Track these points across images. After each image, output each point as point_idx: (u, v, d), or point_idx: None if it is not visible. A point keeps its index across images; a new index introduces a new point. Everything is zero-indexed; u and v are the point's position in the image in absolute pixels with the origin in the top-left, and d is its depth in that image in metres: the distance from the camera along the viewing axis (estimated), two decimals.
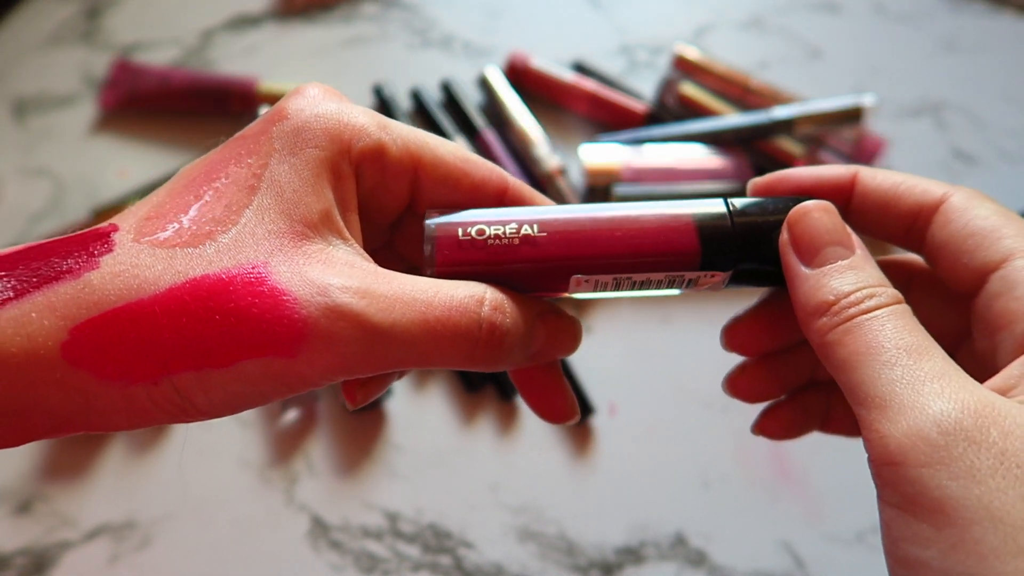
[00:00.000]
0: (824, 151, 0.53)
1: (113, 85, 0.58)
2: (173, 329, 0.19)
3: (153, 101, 0.57)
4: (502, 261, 0.23)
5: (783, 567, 0.42)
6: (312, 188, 0.21)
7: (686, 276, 0.24)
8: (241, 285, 0.19)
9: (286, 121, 0.22)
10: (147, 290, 0.19)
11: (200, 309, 0.19)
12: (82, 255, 0.20)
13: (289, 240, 0.21)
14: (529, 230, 0.23)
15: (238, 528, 0.43)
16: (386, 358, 0.20)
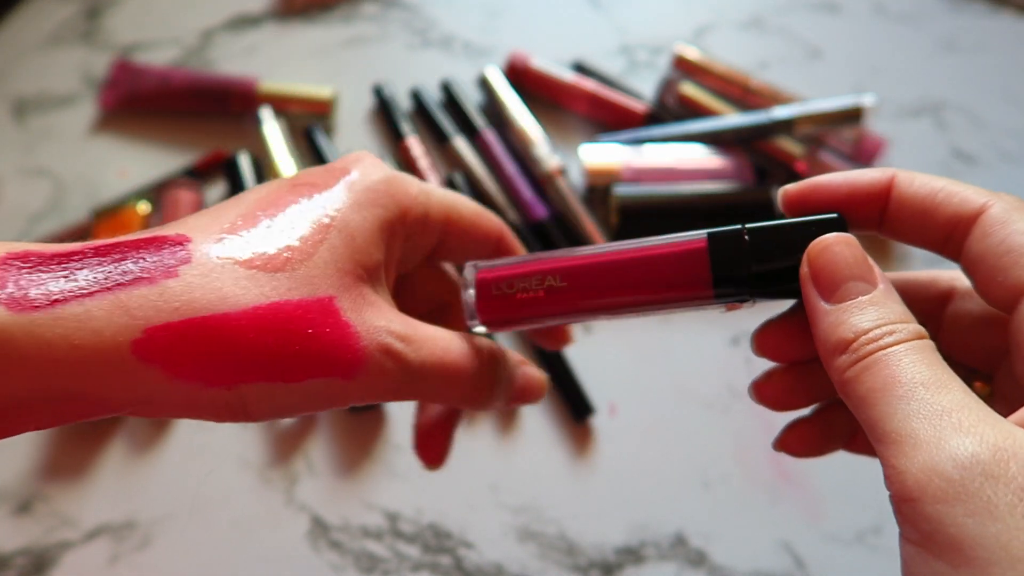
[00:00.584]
0: (824, 151, 0.53)
1: (113, 85, 0.58)
2: (257, 343, 0.21)
3: (153, 101, 0.57)
4: (531, 310, 0.25)
5: (783, 567, 0.42)
6: (374, 241, 0.25)
7: (705, 306, 0.25)
8: (317, 314, 0.22)
9: (357, 179, 0.25)
10: (232, 305, 0.21)
11: (282, 330, 0.22)
12: (159, 263, 0.21)
13: (352, 280, 0.24)
14: (552, 281, 0.25)
15: (238, 528, 0.43)
16: (412, 390, 0.25)
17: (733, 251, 0.24)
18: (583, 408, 0.45)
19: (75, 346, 0.20)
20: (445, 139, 0.55)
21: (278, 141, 0.53)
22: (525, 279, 0.25)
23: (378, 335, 0.23)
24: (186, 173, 0.54)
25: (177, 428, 0.46)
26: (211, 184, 0.55)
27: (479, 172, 0.53)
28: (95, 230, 0.51)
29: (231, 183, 0.53)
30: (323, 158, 0.54)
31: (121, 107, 0.58)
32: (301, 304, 0.22)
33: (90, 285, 0.20)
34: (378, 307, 0.24)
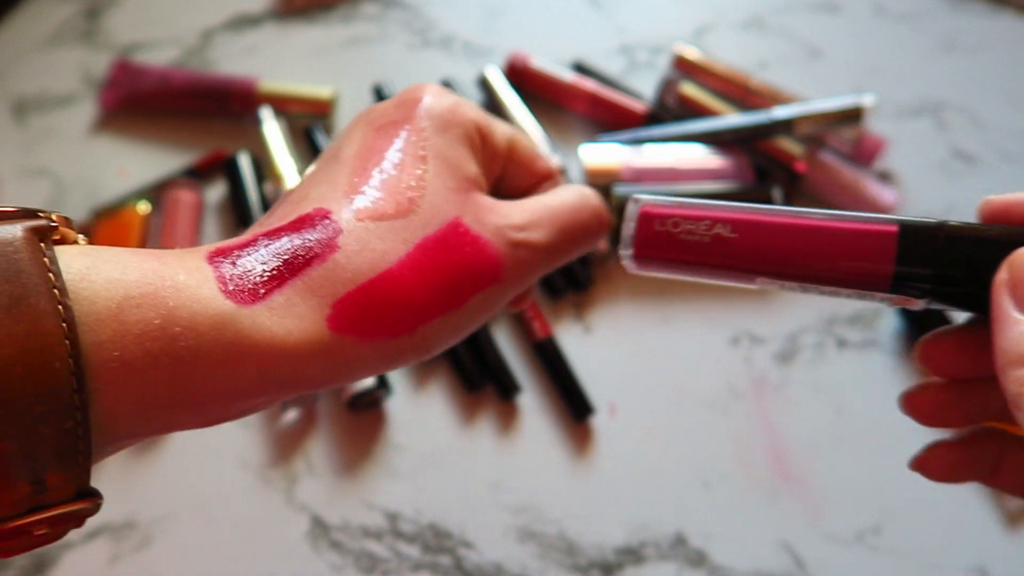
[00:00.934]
0: (824, 151, 0.53)
1: (113, 85, 0.58)
2: (421, 286, 0.24)
3: (153, 101, 0.57)
4: (692, 255, 0.24)
5: (783, 567, 0.42)
6: (465, 155, 0.27)
7: (876, 295, 0.23)
8: (454, 239, 0.25)
9: (428, 107, 0.27)
10: (389, 260, 0.23)
11: (435, 265, 0.24)
12: (321, 240, 0.23)
13: (463, 195, 0.26)
14: (722, 230, 0.24)
15: (238, 528, 0.43)
16: (553, 259, 0.28)
17: (925, 245, 0.22)
18: (583, 408, 0.45)
19: (289, 331, 0.21)
20: None
21: (278, 141, 0.53)
22: (693, 221, 0.24)
23: (504, 234, 0.26)
24: (186, 173, 0.54)
25: None
26: (211, 184, 0.55)
27: None
28: (95, 230, 0.51)
29: (231, 183, 0.53)
30: None
31: (121, 107, 0.58)
32: (438, 236, 0.24)
33: (283, 274, 0.22)
34: (492, 208, 0.26)
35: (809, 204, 0.53)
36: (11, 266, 0.18)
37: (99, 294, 0.20)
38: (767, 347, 0.48)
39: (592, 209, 0.29)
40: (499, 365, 0.46)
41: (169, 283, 0.21)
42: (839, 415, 0.46)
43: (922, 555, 0.42)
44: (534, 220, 0.27)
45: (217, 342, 0.21)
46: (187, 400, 0.21)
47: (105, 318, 0.19)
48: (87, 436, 0.19)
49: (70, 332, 0.18)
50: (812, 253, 0.23)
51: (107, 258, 0.21)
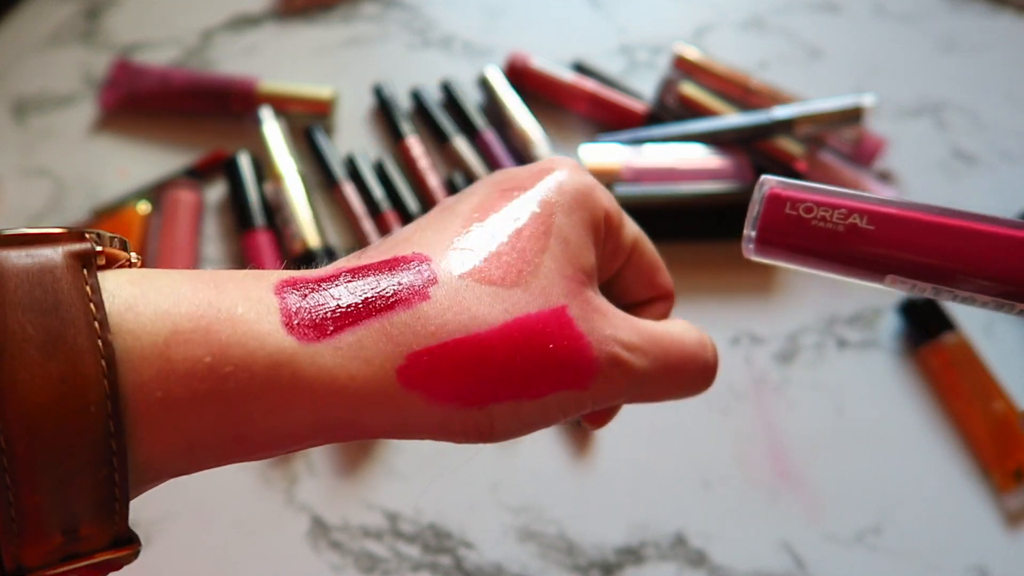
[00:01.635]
0: (824, 151, 0.53)
1: (113, 85, 0.58)
2: (505, 361, 0.21)
3: (153, 101, 0.57)
4: (822, 243, 0.23)
5: (783, 567, 0.42)
6: (587, 244, 0.25)
7: (1018, 306, 0.21)
8: (555, 326, 0.22)
9: (564, 181, 0.25)
10: (482, 324, 0.21)
11: (527, 345, 0.22)
12: (412, 286, 0.21)
13: (576, 286, 0.24)
14: (857, 220, 0.22)
15: (238, 528, 0.43)
16: (639, 394, 0.25)
17: None
18: None
19: (352, 376, 0.20)
20: (445, 139, 0.55)
21: (278, 141, 0.53)
22: (828, 208, 0.22)
23: (608, 345, 0.23)
24: (186, 173, 0.54)
25: None
26: (211, 184, 0.55)
27: (479, 172, 0.53)
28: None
29: (231, 183, 0.53)
30: (323, 158, 0.54)
31: (121, 107, 0.58)
32: (540, 317, 0.22)
33: (356, 312, 0.21)
34: (603, 312, 0.24)
35: None
36: (48, 297, 0.17)
37: (145, 327, 0.18)
38: (767, 347, 0.48)
39: (704, 364, 0.26)
40: None
41: (225, 316, 0.19)
42: (839, 415, 0.46)
43: (922, 555, 0.42)
44: (643, 345, 0.24)
45: (272, 383, 0.19)
46: (235, 442, 0.20)
47: (150, 355, 0.18)
48: (124, 483, 0.18)
49: (109, 371, 0.17)
50: (957, 254, 0.21)
51: (158, 286, 0.19)
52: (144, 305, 0.18)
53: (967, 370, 0.45)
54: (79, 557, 0.18)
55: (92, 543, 0.18)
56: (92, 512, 0.17)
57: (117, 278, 0.19)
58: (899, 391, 0.47)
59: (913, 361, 0.47)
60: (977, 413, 0.44)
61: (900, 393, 0.46)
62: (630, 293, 0.28)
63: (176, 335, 0.18)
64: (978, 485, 0.44)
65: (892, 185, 0.53)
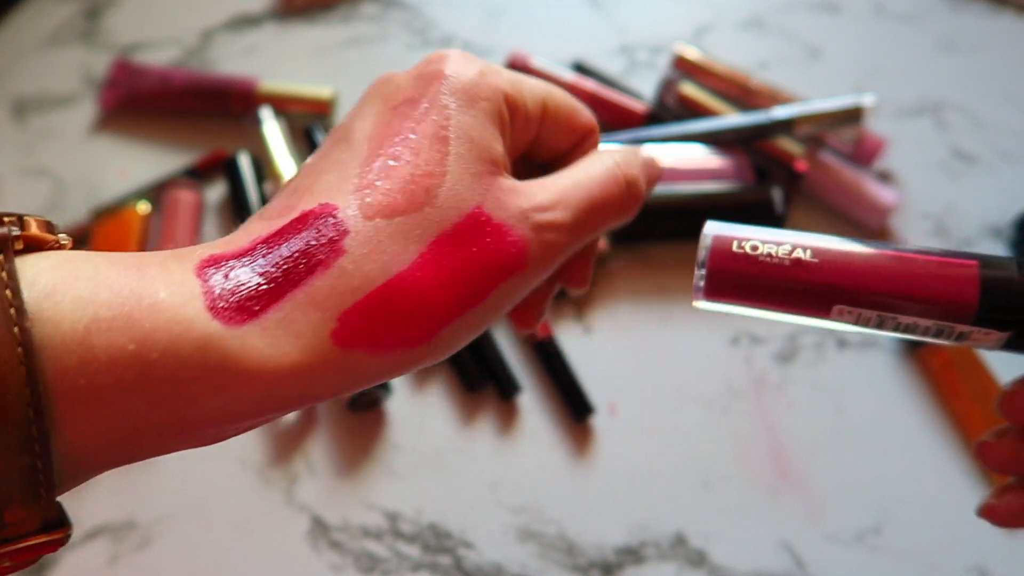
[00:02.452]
0: (824, 151, 0.53)
1: (113, 85, 0.58)
2: (438, 288, 0.21)
3: (153, 101, 0.57)
4: (770, 279, 0.23)
5: (783, 567, 0.42)
6: (492, 133, 0.24)
7: (957, 328, 0.22)
8: (475, 229, 0.23)
9: (452, 79, 0.24)
10: (401, 262, 0.21)
11: (453, 262, 0.22)
12: (324, 243, 0.21)
13: (487, 180, 0.23)
14: (801, 254, 0.23)
15: (238, 528, 0.43)
16: (582, 236, 0.25)
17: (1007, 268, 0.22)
18: (583, 408, 0.45)
19: (285, 352, 0.20)
20: None
21: (278, 141, 0.53)
22: (772, 244, 0.23)
23: (528, 218, 0.24)
24: (186, 173, 0.54)
25: None
26: (211, 184, 0.55)
27: None
28: (95, 230, 0.51)
29: (231, 183, 0.53)
30: None
31: (121, 107, 0.58)
32: (456, 229, 0.22)
33: (278, 284, 0.20)
34: (516, 190, 0.24)
35: (809, 204, 0.53)
36: None
37: (65, 315, 0.18)
38: (767, 347, 0.48)
39: (623, 180, 0.27)
40: (499, 365, 0.46)
41: (147, 302, 0.19)
42: (839, 415, 0.46)
43: (922, 555, 0.42)
44: (561, 199, 0.25)
45: (203, 368, 0.19)
46: (175, 427, 0.19)
47: (71, 343, 0.18)
48: (48, 470, 0.18)
49: (27, 358, 0.17)
50: (896, 279, 0.22)
51: (79, 272, 0.19)
52: (63, 293, 0.18)
53: (967, 370, 0.45)
54: (7, 542, 0.18)
55: (19, 528, 0.18)
56: (17, 497, 0.18)
57: (39, 263, 0.19)
58: (899, 391, 0.47)
59: (913, 361, 0.47)
60: (977, 413, 0.44)
61: (900, 393, 0.46)
62: (553, 147, 0.28)
63: (96, 323, 0.18)
64: (978, 485, 0.44)
65: (892, 185, 0.53)
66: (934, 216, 0.53)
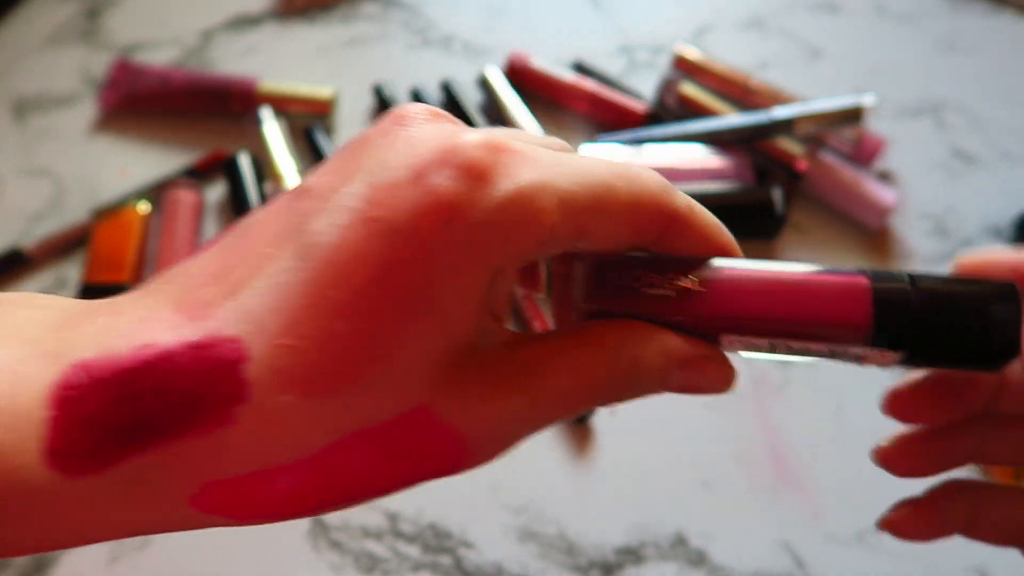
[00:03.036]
0: (824, 151, 0.53)
1: (113, 85, 0.58)
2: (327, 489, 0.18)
3: (153, 101, 0.57)
4: (654, 312, 0.21)
5: (783, 567, 0.42)
6: (476, 308, 0.18)
7: (851, 351, 0.21)
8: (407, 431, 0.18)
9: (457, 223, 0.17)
10: (294, 454, 0.17)
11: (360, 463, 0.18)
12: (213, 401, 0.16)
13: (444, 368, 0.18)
14: (688, 282, 0.21)
15: (238, 528, 0.43)
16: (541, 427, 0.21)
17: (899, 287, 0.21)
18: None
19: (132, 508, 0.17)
20: None
21: (278, 141, 0.53)
22: (652, 275, 0.21)
23: (489, 421, 0.19)
24: (186, 173, 0.54)
25: None
26: (211, 184, 0.55)
27: None
28: (95, 230, 0.51)
29: (231, 183, 0.53)
30: (323, 158, 0.54)
31: (122, 107, 0.58)
32: (384, 428, 0.17)
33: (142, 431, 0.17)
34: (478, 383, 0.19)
35: (809, 204, 0.53)
36: None
37: None
38: None
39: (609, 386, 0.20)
40: None
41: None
42: (839, 415, 0.46)
43: (922, 555, 0.42)
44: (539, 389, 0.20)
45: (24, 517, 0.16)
46: None
47: None
48: None
49: None
50: (786, 305, 0.21)
51: None
52: None
53: None
54: None
55: None
56: None
57: None
58: None
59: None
60: None
61: None
62: None
63: None
64: None
65: (892, 185, 0.53)
66: (934, 216, 0.53)
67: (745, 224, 0.50)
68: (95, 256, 0.50)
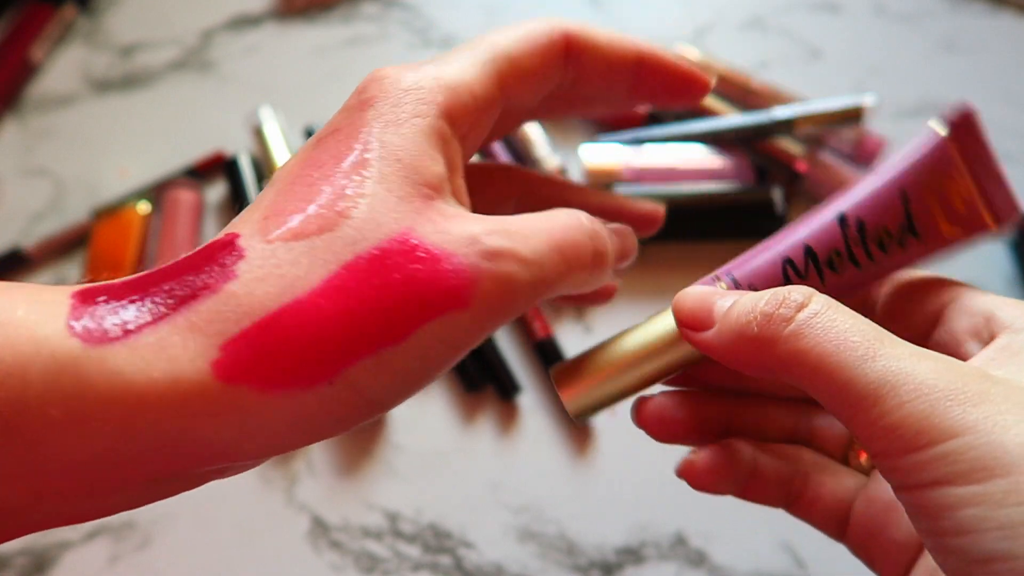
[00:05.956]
0: (824, 151, 0.53)
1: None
2: (343, 318, 0.18)
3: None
4: None
5: (783, 567, 0.42)
6: (425, 153, 0.21)
7: None
8: (398, 255, 0.19)
9: (379, 102, 0.22)
10: (301, 287, 0.18)
11: (366, 290, 0.18)
12: (213, 268, 0.18)
13: (419, 203, 0.20)
14: None
15: (238, 528, 0.43)
16: (541, 287, 0.21)
17: None
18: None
19: (153, 379, 0.17)
20: None
21: (278, 141, 0.53)
22: None
23: (477, 242, 0.20)
24: (186, 173, 0.54)
25: None
26: (211, 184, 0.55)
27: None
28: (95, 230, 0.51)
29: (231, 183, 0.53)
30: None
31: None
32: (375, 254, 0.19)
33: (161, 310, 0.18)
34: (462, 217, 0.20)
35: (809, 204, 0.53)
36: None
37: None
38: None
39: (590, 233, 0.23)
40: (499, 365, 0.46)
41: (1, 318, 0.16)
42: None
43: None
44: (520, 229, 0.21)
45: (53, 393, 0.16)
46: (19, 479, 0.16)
47: None
48: None
49: None
50: None
51: None
52: None
53: None
54: None
55: None
56: None
57: None
58: None
59: None
60: None
61: None
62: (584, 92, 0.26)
63: None
64: None
65: None
66: None
67: (745, 224, 0.50)
68: (95, 256, 0.50)
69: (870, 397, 0.18)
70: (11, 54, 0.58)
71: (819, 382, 0.19)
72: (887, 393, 0.18)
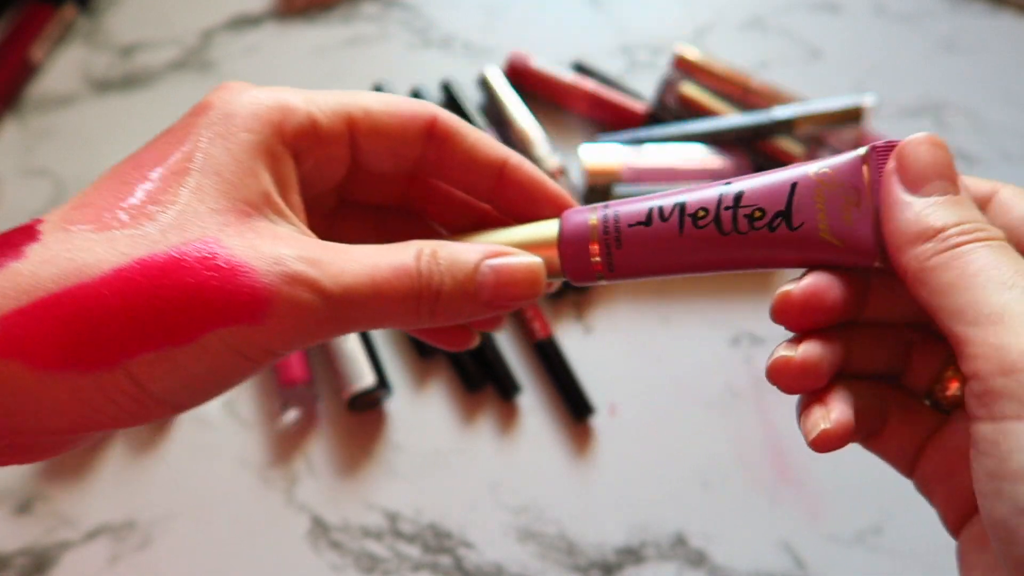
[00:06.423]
0: (824, 151, 0.53)
1: None
2: (127, 309, 0.18)
3: None
4: None
5: (783, 567, 0.42)
6: (249, 170, 0.21)
7: None
8: (196, 260, 0.19)
9: (213, 110, 0.22)
10: (89, 273, 0.18)
11: (155, 287, 0.19)
12: (4, 248, 0.19)
13: (235, 217, 0.20)
14: None
15: (238, 528, 0.43)
16: (339, 322, 0.21)
17: None
18: (583, 408, 0.45)
19: None
20: None
21: None
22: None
23: (282, 264, 0.20)
24: None
25: (177, 427, 0.46)
26: None
27: None
28: None
29: None
30: None
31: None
32: (171, 255, 0.19)
33: None
34: (278, 236, 0.21)
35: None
36: None
37: None
38: (767, 347, 0.48)
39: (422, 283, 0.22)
40: (499, 365, 0.46)
41: None
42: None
43: (922, 555, 0.42)
44: (334, 261, 0.21)
45: None
46: None
47: None
48: None
49: None
50: None
51: None
52: None
53: None
54: None
55: None
56: None
57: None
58: None
59: None
60: None
61: None
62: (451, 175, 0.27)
63: None
64: None
65: None
66: None
67: None
68: None
69: (995, 315, 0.18)
70: (11, 54, 0.58)
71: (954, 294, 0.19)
72: (1010, 320, 0.18)
